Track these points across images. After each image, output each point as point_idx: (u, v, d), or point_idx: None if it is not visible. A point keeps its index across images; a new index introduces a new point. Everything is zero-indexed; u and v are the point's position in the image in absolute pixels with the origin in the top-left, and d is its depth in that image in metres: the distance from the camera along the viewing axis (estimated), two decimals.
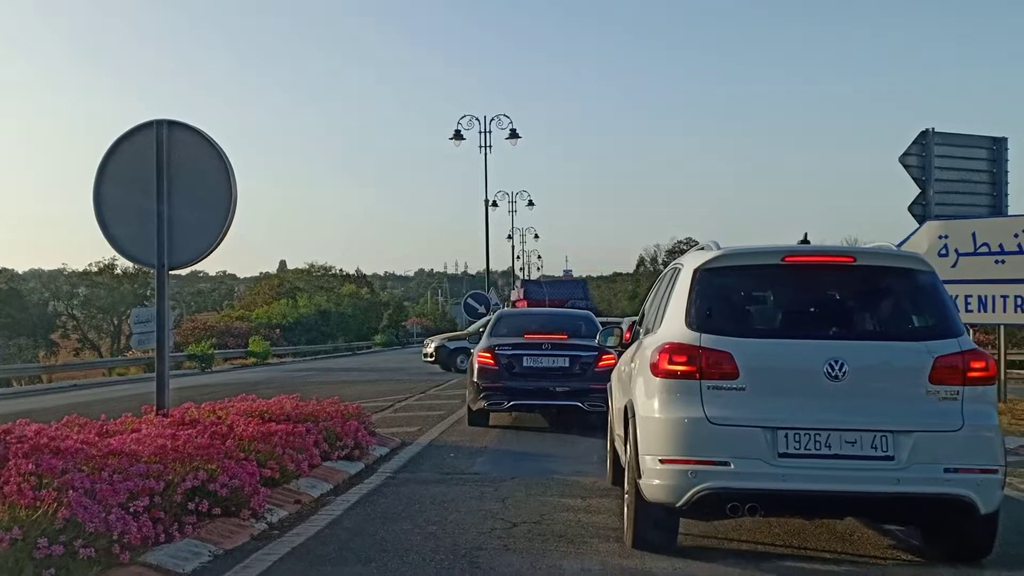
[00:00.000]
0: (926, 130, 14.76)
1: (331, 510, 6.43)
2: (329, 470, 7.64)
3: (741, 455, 4.62)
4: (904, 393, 4.72)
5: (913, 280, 5.07)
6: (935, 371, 4.70)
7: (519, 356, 11.35)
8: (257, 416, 7.77)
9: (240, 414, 7.73)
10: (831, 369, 4.66)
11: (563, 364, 11.31)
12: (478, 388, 11.32)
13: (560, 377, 11.25)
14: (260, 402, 8.42)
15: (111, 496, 4.67)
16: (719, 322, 4.92)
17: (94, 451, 5.29)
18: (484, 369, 11.35)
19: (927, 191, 14.61)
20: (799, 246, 5.38)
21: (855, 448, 4.59)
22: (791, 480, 4.59)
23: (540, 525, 5.90)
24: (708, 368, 4.75)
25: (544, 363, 11.34)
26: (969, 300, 12.71)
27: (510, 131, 38.27)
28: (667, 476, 4.74)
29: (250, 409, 8.00)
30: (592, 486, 7.33)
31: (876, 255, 5.23)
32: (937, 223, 13.52)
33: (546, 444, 10.28)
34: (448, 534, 5.67)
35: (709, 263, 5.12)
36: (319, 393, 18.20)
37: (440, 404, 15.22)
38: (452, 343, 26.82)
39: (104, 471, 4.99)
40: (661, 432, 4.80)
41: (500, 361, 11.32)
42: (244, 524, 5.64)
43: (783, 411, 4.65)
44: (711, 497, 4.65)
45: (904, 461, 4.57)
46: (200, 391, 19.15)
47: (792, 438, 4.61)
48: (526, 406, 11.44)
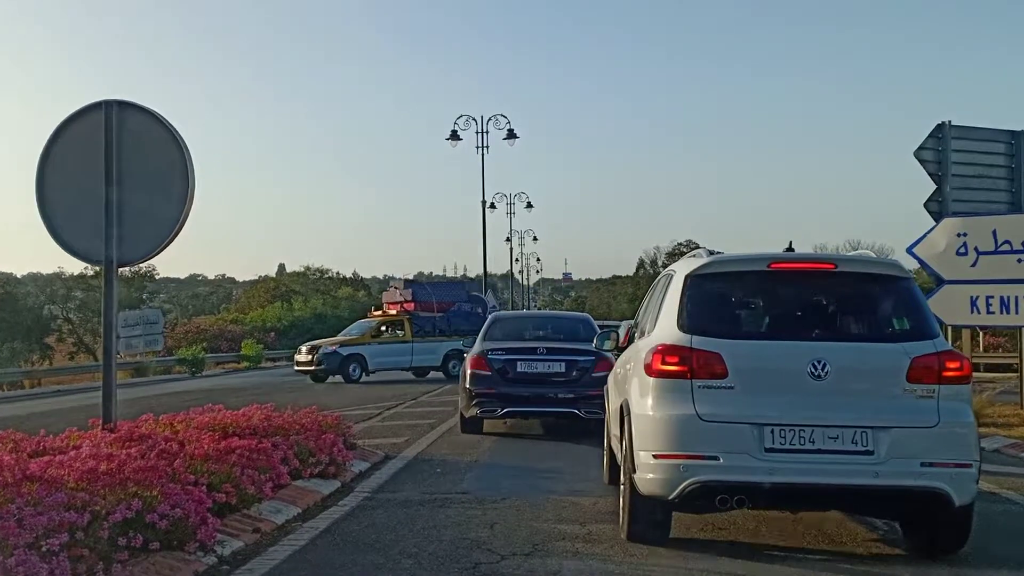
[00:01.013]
0: (942, 123, 13.95)
1: (295, 539, 5.65)
2: (299, 491, 6.86)
3: (730, 450, 4.85)
4: (883, 391, 4.96)
5: (891, 285, 5.31)
6: (912, 370, 4.93)
7: (513, 361, 10.84)
8: (219, 430, 7.00)
9: (199, 428, 6.96)
10: (814, 369, 4.90)
11: (559, 369, 10.77)
12: (470, 395, 10.79)
13: (556, 383, 10.70)
14: (226, 413, 7.64)
15: (16, 535, 3.90)
16: (709, 325, 5.16)
17: (7, 477, 4.51)
18: (476, 375, 10.83)
19: (943, 187, 13.79)
20: (784, 253, 5.83)
21: (837, 443, 4.82)
22: (777, 473, 4.81)
23: (532, 558, 5.12)
24: (699, 368, 4.98)
25: (539, 368, 10.80)
26: (991, 301, 11.98)
27: (508, 131, 37.53)
28: (660, 470, 4.98)
29: (212, 422, 7.22)
30: (592, 508, 6.55)
31: (856, 262, 5.62)
32: (955, 220, 12.74)
33: (543, 455, 9.49)
34: (425, 569, 4.91)
35: (700, 269, 5.37)
36: (306, 399, 17.60)
37: (432, 412, 14.44)
38: (347, 348, 23.95)
39: (15, 502, 4.22)
40: (655, 429, 5.04)
41: (493, 366, 10.80)
42: (188, 559, 4.86)
43: (770, 408, 4.89)
44: (701, 490, 4.87)
45: (883, 455, 4.79)
46: (182, 398, 18.41)
47: (778, 433, 4.83)
48: (520, 413, 10.97)
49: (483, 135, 37.97)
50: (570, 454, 9.59)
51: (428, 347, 24.72)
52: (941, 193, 13.80)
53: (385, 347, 24.39)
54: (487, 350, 11.06)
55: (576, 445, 10.12)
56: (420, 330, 24.87)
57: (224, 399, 16.29)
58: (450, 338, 24.37)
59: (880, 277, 5.40)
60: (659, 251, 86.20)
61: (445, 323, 25.18)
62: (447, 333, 24.80)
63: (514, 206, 55.99)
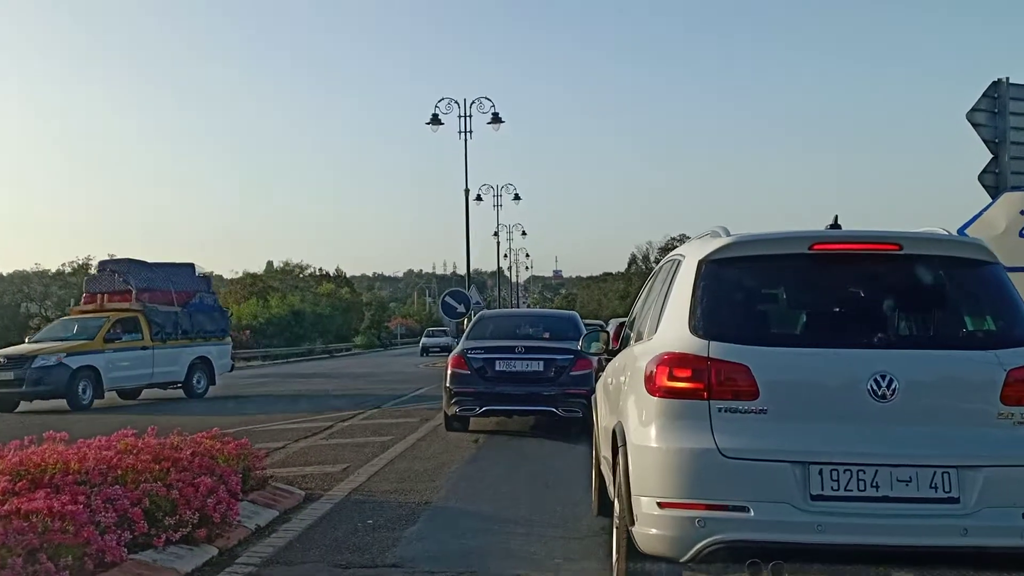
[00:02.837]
0: (998, 80, 11.67)
1: None
2: (138, 571, 4.55)
3: (763, 498, 3.68)
4: (970, 416, 3.84)
5: (976, 273, 4.16)
6: (1008, 387, 3.78)
7: (491, 360, 10.87)
8: (25, 478, 4.67)
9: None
10: (876, 386, 3.75)
11: (537, 368, 10.78)
12: (450, 393, 10.89)
13: (534, 381, 10.71)
14: (48, 450, 5.28)
15: None
16: (732, 327, 3.99)
17: None
18: (456, 374, 10.90)
19: (1001, 156, 11.54)
20: (830, 231, 4.29)
21: (909, 488, 3.68)
22: (828, 531, 3.64)
23: None
24: (719, 385, 3.83)
25: (517, 367, 10.84)
26: None
27: (492, 115, 35.25)
28: (668, 524, 3.78)
29: (17, 465, 4.88)
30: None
31: (928, 242, 4.20)
32: (1017, 195, 10.51)
33: (516, 494, 7.19)
34: None
35: (717, 253, 4.12)
36: (251, 408, 15.30)
37: (392, 425, 12.10)
38: (76, 358, 16.14)
39: None
40: (660, 467, 3.84)
41: (472, 365, 10.86)
42: None
43: (816, 440, 3.73)
44: (726, 551, 3.69)
45: (972, 505, 3.66)
46: (65, 418, 16.08)
47: (828, 475, 3.69)
48: (499, 411, 10.99)
49: (466, 119, 35.85)
50: (558, 487, 7.33)
51: (169, 355, 17.96)
52: (998, 163, 11.54)
53: (121, 355, 17.06)
54: (466, 349, 11.12)
55: (559, 478, 7.86)
56: (160, 331, 17.85)
57: (129, 415, 13.86)
58: (193, 341, 18.53)
59: (961, 261, 4.15)
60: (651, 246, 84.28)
61: (188, 321, 18.60)
62: (190, 335, 18.51)
63: (501, 198, 53.94)
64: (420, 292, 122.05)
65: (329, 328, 56.55)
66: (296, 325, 52.92)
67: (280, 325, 51.70)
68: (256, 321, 50.49)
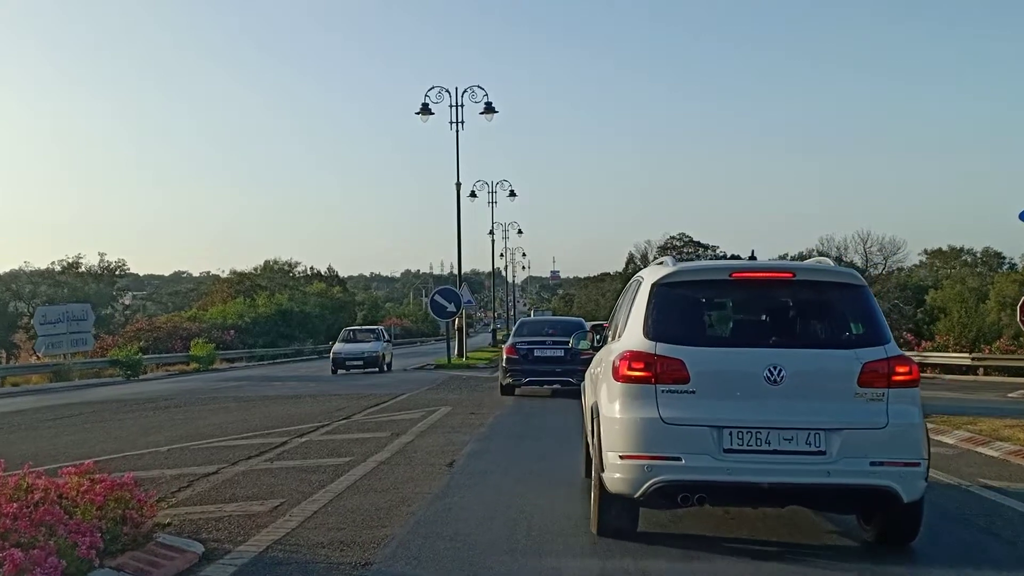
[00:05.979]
0: None
1: None
2: None
3: (691, 451, 5.04)
4: (835, 395, 5.16)
5: (847, 293, 5.51)
6: (863, 375, 5.13)
7: (531, 348, 16.80)
8: None
9: None
10: (770, 374, 5.09)
11: (559, 353, 16.30)
12: (505, 370, 17.04)
13: (557, 362, 16.47)
14: None
15: None
16: (673, 332, 5.33)
17: None
18: (509, 358, 16.92)
19: None
20: (746, 263, 6.85)
21: (792, 444, 5.03)
22: (735, 473, 5.00)
23: None
24: (662, 374, 5.19)
25: (548, 352, 16.64)
26: None
27: (485, 105, 33.47)
28: (626, 470, 5.16)
29: None
30: None
31: (814, 271, 5.79)
32: None
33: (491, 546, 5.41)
34: None
35: (665, 278, 5.55)
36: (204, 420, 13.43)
37: (355, 442, 10.26)
38: None
39: None
40: (621, 431, 5.23)
41: (519, 352, 16.81)
42: None
43: (728, 412, 5.10)
44: (665, 489, 5.07)
45: (835, 455, 5.01)
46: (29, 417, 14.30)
47: (736, 435, 5.05)
48: (537, 381, 16.75)
49: (458, 109, 34.05)
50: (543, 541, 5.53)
51: None
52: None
53: None
54: (515, 342, 17.09)
55: (557, 520, 6.07)
56: None
57: (82, 416, 11.97)
58: None
59: (836, 285, 5.55)
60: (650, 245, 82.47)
61: None
62: None
63: (496, 195, 52.08)
64: (416, 292, 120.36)
65: (318, 328, 54.62)
66: (284, 324, 51.09)
67: (267, 324, 49.86)
68: (242, 320, 48.71)
